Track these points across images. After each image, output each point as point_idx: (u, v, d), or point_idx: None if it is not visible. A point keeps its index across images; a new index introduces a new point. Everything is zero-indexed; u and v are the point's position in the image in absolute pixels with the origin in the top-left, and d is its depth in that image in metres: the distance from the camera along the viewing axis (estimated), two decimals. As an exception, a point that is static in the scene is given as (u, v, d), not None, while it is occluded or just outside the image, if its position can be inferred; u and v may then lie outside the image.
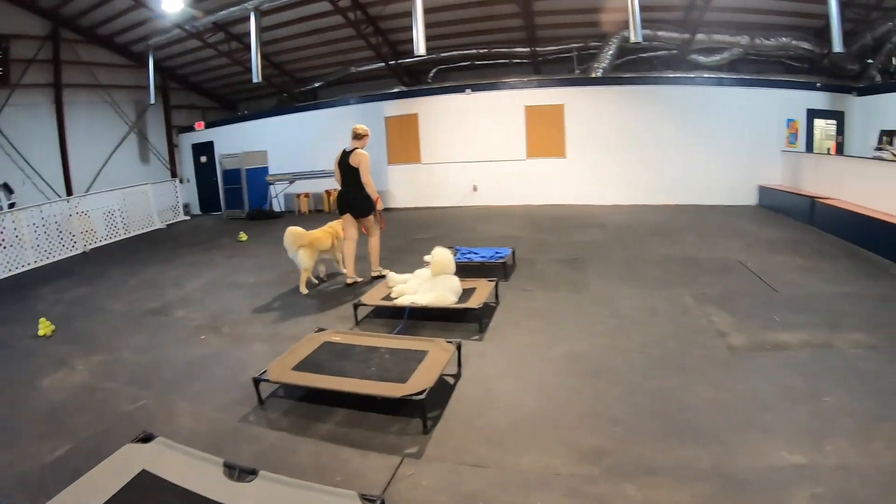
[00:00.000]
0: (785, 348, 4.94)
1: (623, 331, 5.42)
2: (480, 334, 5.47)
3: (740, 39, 13.90)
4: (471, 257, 7.56)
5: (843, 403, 3.92)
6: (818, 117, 14.33)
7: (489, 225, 11.47)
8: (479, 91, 14.40)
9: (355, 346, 4.82)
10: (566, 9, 13.81)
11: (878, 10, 12.94)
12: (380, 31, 14.78)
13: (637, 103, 13.92)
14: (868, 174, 10.44)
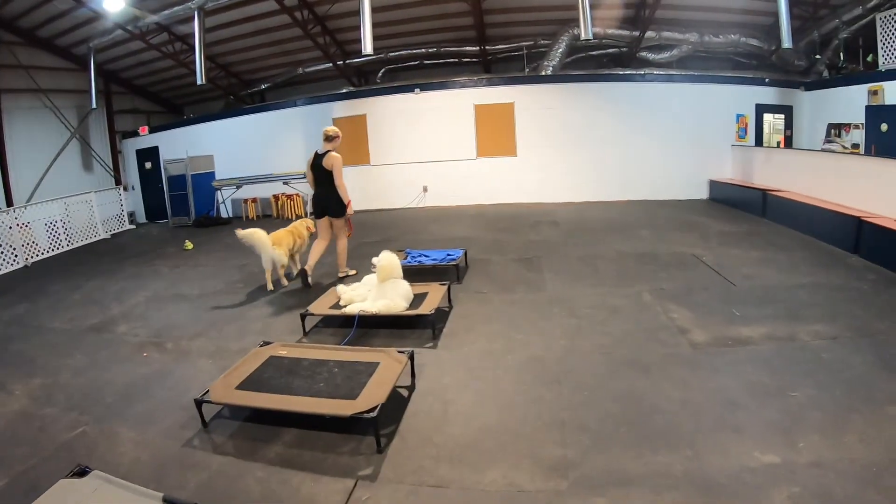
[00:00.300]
0: (748, 343, 4.84)
1: (583, 331, 5.23)
2: (434, 341, 5.20)
3: (690, 37, 13.94)
4: (422, 260, 7.29)
5: (812, 397, 3.87)
6: (767, 112, 14.56)
7: (441, 226, 11.24)
8: (429, 90, 14.15)
9: (302, 360, 4.51)
10: (516, 7, 13.67)
11: (825, 7, 13.21)
12: (328, 31, 14.37)
13: (587, 101, 13.86)
14: (818, 166, 10.60)
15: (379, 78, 15.98)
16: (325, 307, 5.77)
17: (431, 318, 5.24)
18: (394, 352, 4.37)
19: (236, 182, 15.15)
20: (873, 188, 8.81)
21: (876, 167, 9.09)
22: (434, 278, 6.70)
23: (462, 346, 5.07)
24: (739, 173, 13.55)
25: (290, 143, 15.00)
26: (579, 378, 4.31)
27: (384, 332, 5.47)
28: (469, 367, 4.64)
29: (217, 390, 4.02)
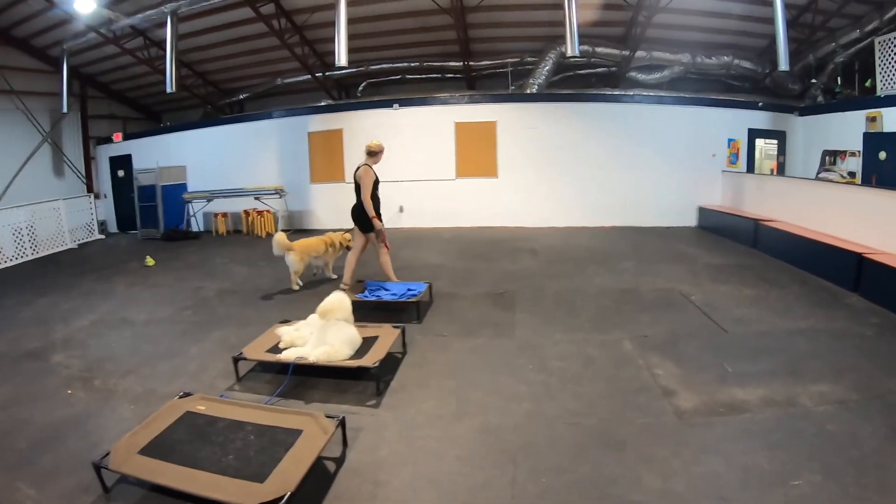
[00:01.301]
0: (743, 410, 4.19)
1: (550, 392, 4.52)
2: (378, 398, 4.48)
3: (682, 57, 13.68)
4: (380, 295, 6.59)
5: (817, 486, 3.26)
6: (760, 137, 14.19)
7: (413, 250, 10.56)
8: (408, 106, 13.58)
9: (219, 420, 3.82)
10: (502, 22, 13.25)
11: (822, 29, 12.94)
12: (307, 41, 13.81)
13: (574, 121, 13.38)
14: (815, 196, 10.16)
15: (360, 92, 15.46)
16: (262, 350, 5.04)
17: (374, 372, 4.51)
18: (322, 417, 3.70)
19: (207, 195, 14.49)
20: (876, 222, 8.30)
21: (880, 200, 8.52)
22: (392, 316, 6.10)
23: (409, 405, 4.35)
24: (729, 200, 13.13)
25: (264, 156, 14.46)
26: (539, 457, 3.60)
27: (324, 384, 4.74)
28: (412, 435, 3.92)
29: (118, 454, 3.42)
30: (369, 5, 12.26)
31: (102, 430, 4.18)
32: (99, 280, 9.50)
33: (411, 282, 7.28)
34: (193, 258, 10.91)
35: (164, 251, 11.96)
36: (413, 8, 12.53)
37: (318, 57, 14.42)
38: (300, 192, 14.23)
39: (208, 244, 12.76)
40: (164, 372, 5.28)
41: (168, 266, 10.44)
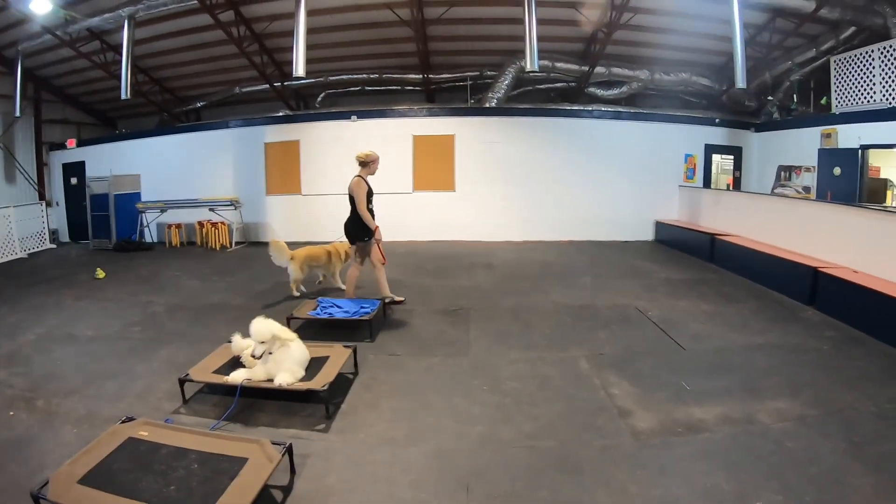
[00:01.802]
0: (701, 429, 4.11)
1: (505, 413, 4.36)
2: (327, 422, 4.25)
3: (640, 74, 13.82)
4: (332, 312, 6.32)
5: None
6: (716, 152, 14.40)
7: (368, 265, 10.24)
8: (366, 118, 13.41)
9: (162, 447, 3.57)
10: (462, 35, 13.22)
11: (778, 48, 13.20)
12: (266, 50, 13.55)
13: (532, 135, 13.41)
14: (771, 211, 10.28)
15: (318, 103, 15.18)
16: (208, 372, 4.76)
17: (323, 395, 4.30)
18: (268, 444, 3.48)
19: (161, 205, 14.08)
20: (831, 236, 8.44)
21: (835, 215, 8.70)
22: (344, 334, 5.89)
23: (359, 429, 4.13)
24: (686, 215, 13.30)
25: (219, 166, 14.12)
26: (493, 484, 3.44)
27: (271, 406, 4.48)
28: (362, 461, 3.72)
29: (58, 484, 3.17)
30: (329, 15, 12.09)
31: (43, 455, 3.91)
32: (47, 292, 9.06)
33: (364, 299, 7.03)
34: (145, 271, 10.53)
35: (116, 263, 11.53)
36: (373, 19, 12.41)
37: (276, 66, 14.15)
38: (256, 204, 13.91)
39: (161, 256, 12.36)
40: (110, 392, 4.98)
41: (119, 279, 10.03)
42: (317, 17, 11.41)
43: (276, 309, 6.94)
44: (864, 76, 11.41)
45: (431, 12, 12.09)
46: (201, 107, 16.36)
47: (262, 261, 10.32)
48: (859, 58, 11.49)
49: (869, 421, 4.36)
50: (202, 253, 12.61)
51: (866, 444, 3.98)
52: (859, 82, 11.56)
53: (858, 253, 7.79)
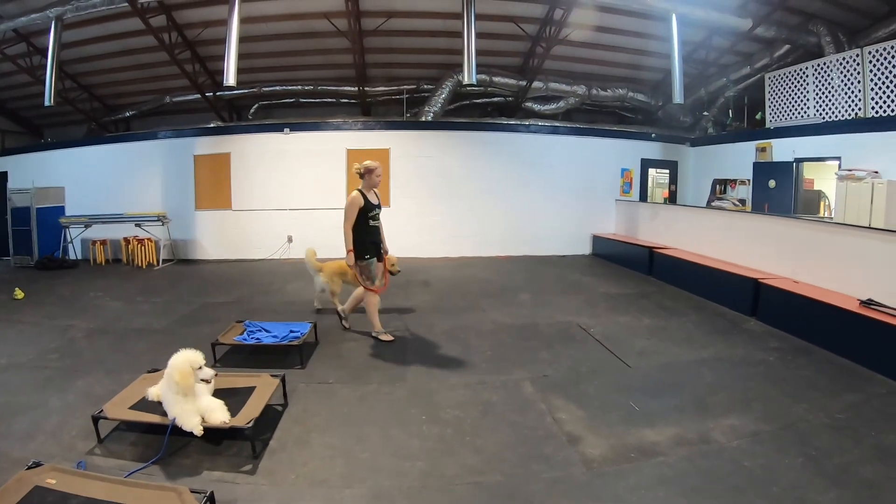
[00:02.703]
0: (655, 453, 3.92)
1: (447, 446, 4.03)
2: (254, 462, 3.80)
3: (577, 89, 13.93)
4: (260, 337, 5.88)
5: None
6: (652, 167, 14.66)
7: (301, 284, 9.85)
8: (300, 131, 13.02)
9: (71, 496, 3.12)
10: (400, 48, 13.02)
11: (714, 65, 13.62)
12: (198, 58, 12.99)
13: (469, 150, 13.32)
14: (708, 223, 10.48)
15: (251, 114, 14.67)
16: (125, 407, 4.22)
17: (248, 433, 3.85)
18: (187, 493, 3.06)
19: (85, 220, 13.28)
20: (770, 247, 8.60)
21: (773, 226, 8.88)
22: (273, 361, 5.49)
23: (290, 470, 3.71)
24: (623, 229, 13.48)
25: (147, 179, 13.38)
26: None
27: (194, 446, 3.98)
28: None
29: None
30: (264, 23, 11.71)
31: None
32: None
33: (294, 322, 6.59)
34: (66, 291, 9.80)
35: (36, 282, 10.73)
36: (309, 29, 12.10)
37: (209, 75, 13.57)
38: (184, 220, 13.22)
39: (85, 275, 11.56)
40: (20, 430, 4.38)
41: (38, 300, 9.25)
42: (251, 24, 11.06)
43: (201, 332, 6.46)
44: (798, 92, 11.84)
45: (369, 23, 11.86)
46: (131, 116, 15.58)
47: (190, 280, 9.81)
48: (793, 75, 11.91)
49: (823, 433, 4.31)
50: (128, 271, 11.89)
51: (823, 457, 3.93)
52: (793, 98, 11.96)
53: (798, 263, 7.94)
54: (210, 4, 11.11)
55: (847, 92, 10.76)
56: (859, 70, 10.46)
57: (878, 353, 5.79)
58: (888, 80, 9.97)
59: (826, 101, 11.23)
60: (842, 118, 10.90)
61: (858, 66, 10.46)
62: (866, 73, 10.34)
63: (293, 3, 11.28)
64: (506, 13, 11.84)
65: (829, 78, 11.10)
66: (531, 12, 11.96)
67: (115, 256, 13.21)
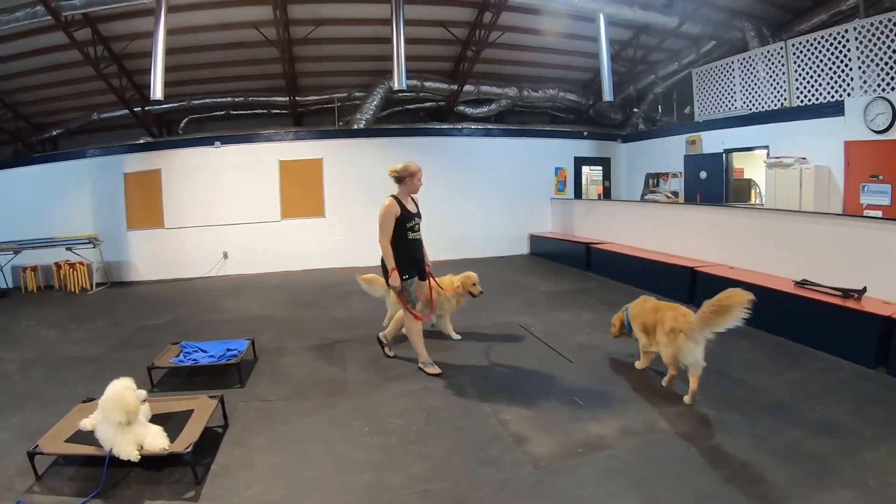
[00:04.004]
0: (602, 446, 3.99)
1: (392, 456, 3.98)
2: (196, 488, 3.65)
3: (509, 91, 14.06)
4: (197, 358, 5.70)
5: None
6: (585, 164, 14.93)
7: (239, 301, 9.74)
8: (231, 144, 12.78)
9: None
10: (329, 56, 12.87)
11: (642, 63, 13.90)
12: (125, 72, 12.45)
13: (403, 156, 12.79)
14: (643, 216, 10.82)
15: (181, 128, 14.25)
16: (61, 440, 3.98)
17: (188, 458, 3.71)
18: None
19: (14, 246, 12.67)
20: (703, 236, 8.94)
21: (706, 216, 9.26)
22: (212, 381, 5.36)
23: (233, 494, 3.58)
24: (560, 227, 13.75)
25: (77, 200, 12.80)
26: None
27: (135, 476, 3.80)
28: None
29: None
30: (191, 34, 11.38)
31: None
32: None
33: (231, 340, 6.43)
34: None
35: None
36: (238, 39, 11.83)
37: (136, 89, 13.00)
38: (116, 241, 12.71)
39: (16, 304, 10.99)
40: None
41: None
42: (178, 35, 10.75)
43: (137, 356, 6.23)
44: (725, 86, 12.23)
45: (298, 32, 11.70)
46: (58, 135, 14.90)
47: (124, 303, 9.52)
48: (720, 69, 12.33)
49: (767, 411, 4.48)
50: (61, 298, 11.39)
51: (769, 435, 4.07)
52: (720, 92, 12.36)
53: (732, 250, 8.27)
54: (136, 16, 10.71)
55: (772, 83, 11.17)
56: (783, 62, 10.86)
57: (814, 331, 6.13)
58: (811, 70, 10.39)
59: (752, 93, 11.64)
60: (768, 109, 11.30)
61: (783, 58, 10.87)
62: (790, 65, 10.74)
63: (221, 13, 11.00)
64: (435, 18, 11.87)
65: (755, 71, 11.51)
66: (461, 16, 12.01)
67: (47, 283, 12.62)
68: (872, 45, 9.22)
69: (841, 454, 3.77)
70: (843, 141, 9.41)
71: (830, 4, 10.67)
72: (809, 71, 10.42)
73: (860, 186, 9.19)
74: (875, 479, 3.45)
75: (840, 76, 9.85)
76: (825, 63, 10.09)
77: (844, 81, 9.78)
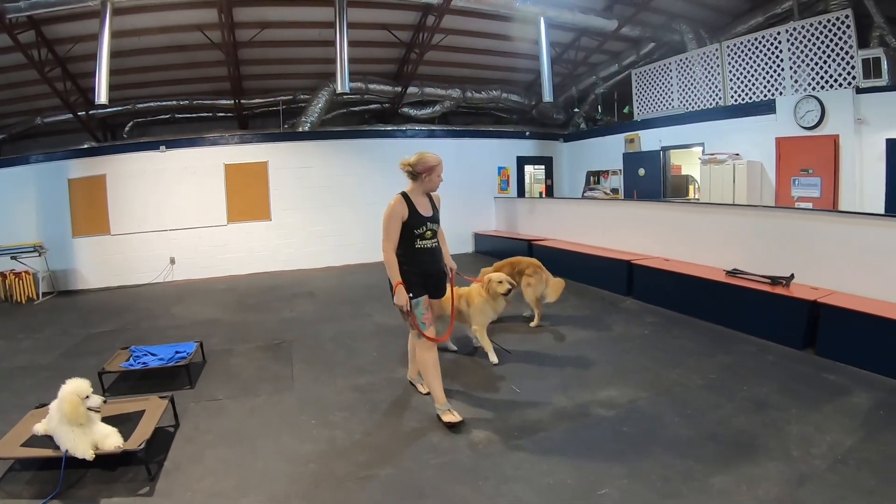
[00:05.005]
0: (538, 430, 4.26)
1: (337, 447, 4.19)
2: (150, 484, 3.79)
3: (452, 93, 14.32)
4: (147, 361, 5.80)
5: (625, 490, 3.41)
6: (528, 163, 15.29)
7: (186, 306, 9.75)
8: (176, 148, 12.66)
9: None
10: (275, 59, 12.92)
11: (583, 65, 14.32)
12: (70, 76, 12.18)
13: (348, 158, 13.50)
14: (583, 213, 11.19)
15: (126, 133, 14.03)
16: (17, 445, 4.06)
17: (141, 455, 3.85)
18: None
19: (-45, 258, 12.34)
20: (640, 231, 9.35)
21: (644, 211, 9.68)
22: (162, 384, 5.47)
23: (186, 488, 3.73)
24: (504, 225, 14.09)
25: (21, 207, 12.46)
26: None
27: (90, 476, 3.90)
28: None
29: None
30: (137, 37, 11.26)
31: None
32: None
33: (180, 342, 6.51)
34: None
35: None
36: (183, 42, 11.74)
37: (81, 93, 12.70)
38: (62, 248, 12.42)
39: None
40: None
41: None
42: (123, 38, 10.65)
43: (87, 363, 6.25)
44: (663, 86, 12.69)
45: (243, 34, 11.69)
46: (0, 141, 14.64)
47: (72, 312, 9.48)
48: (658, 70, 12.81)
49: (698, 393, 4.81)
50: (7, 308, 11.12)
51: (699, 414, 4.40)
52: (659, 91, 12.82)
53: (668, 243, 8.68)
54: (81, 19, 10.53)
55: (708, 83, 11.69)
56: (719, 63, 11.38)
57: (745, 316, 6.57)
58: (745, 70, 10.92)
59: (689, 93, 12.15)
60: (704, 107, 11.83)
61: (718, 59, 11.39)
62: (725, 66, 11.26)
63: (166, 15, 10.89)
64: (379, 21, 12.02)
65: (692, 71, 12.01)
66: (404, 19, 12.19)
67: (-10, 295, 12.40)
68: (804, 46, 9.77)
69: (768, 429, 4.12)
70: (775, 137, 9.98)
71: (766, 7, 11.21)
72: (743, 71, 10.93)
73: (791, 180, 9.75)
74: (799, 451, 3.79)
75: (773, 76, 10.39)
76: (759, 63, 10.62)
77: (777, 81, 10.32)
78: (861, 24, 9.40)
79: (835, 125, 9.19)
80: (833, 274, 6.29)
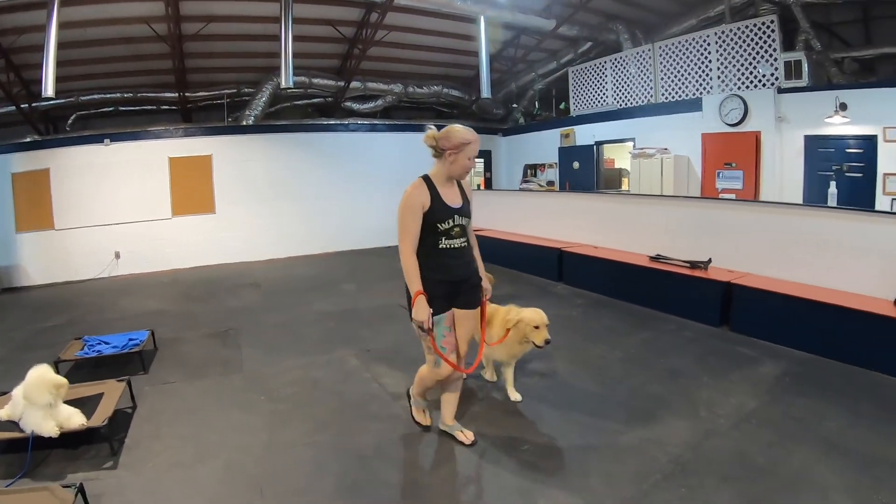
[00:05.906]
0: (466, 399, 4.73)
1: (283, 418, 4.60)
2: (114, 459, 4.11)
3: (394, 88, 14.62)
4: (101, 349, 6.02)
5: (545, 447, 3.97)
6: None
7: (133, 298, 9.85)
8: (120, 141, 12.59)
9: None
10: (219, 52, 12.97)
11: (523, 62, 14.84)
12: (13, 67, 11.88)
13: (291, 151, 13.70)
14: (520, 204, 11.72)
15: (69, 126, 13.79)
16: None
17: (104, 432, 4.16)
18: (58, 488, 3.31)
19: None
20: (571, 220, 9.90)
21: (576, 202, 10.32)
22: (118, 370, 5.70)
23: (147, 460, 4.08)
24: (444, 215, 14.32)
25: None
26: (284, 482, 3.67)
27: (55, 455, 4.17)
28: (156, 488, 3.70)
29: None
30: (82, 29, 11.15)
31: None
32: None
33: (132, 331, 6.73)
34: None
35: None
36: (126, 34, 11.65)
37: (24, 85, 12.40)
38: (6, 244, 12.12)
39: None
40: None
41: None
42: (68, 30, 10.50)
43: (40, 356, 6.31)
44: (598, 83, 13.32)
45: (189, 28, 11.75)
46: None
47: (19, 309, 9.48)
48: (594, 68, 13.44)
49: (617, 365, 5.39)
50: None
51: (616, 383, 4.97)
52: (594, 89, 13.43)
53: (597, 231, 9.27)
54: (26, 10, 10.38)
55: (641, 82, 12.36)
56: (651, 62, 12.04)
57: (666, 297, 7.22)
58: (675, 70, 11.62)
59: (623, 91, 12.82)
60: (636, 104, 12.51)
61: (650, 59, 12.06)
62: (657, 65, 11.93)
63: (112, 7, 10.89)
64: (323, 17, 12.25)
65: (626, 70, 12.66)
66: (348, 16, 12.47)
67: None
68: (730, 48, 10.48)
69: (678, 394, 4.69)
70: (701, 133, 10.70)
71: (699, 10, 11.83)
72: (674, 71, 11.61)
73: (716, 173, 10.47)
74: (706, 411, 4.37)
75: (701, 76, 11.09)
76: (688, 64, 11.30)
77: (705, 80, 11.03)
78: (788, 29, 10.17)
79: (757, 122, 9.99)
80: (748, 258, 6.98)
